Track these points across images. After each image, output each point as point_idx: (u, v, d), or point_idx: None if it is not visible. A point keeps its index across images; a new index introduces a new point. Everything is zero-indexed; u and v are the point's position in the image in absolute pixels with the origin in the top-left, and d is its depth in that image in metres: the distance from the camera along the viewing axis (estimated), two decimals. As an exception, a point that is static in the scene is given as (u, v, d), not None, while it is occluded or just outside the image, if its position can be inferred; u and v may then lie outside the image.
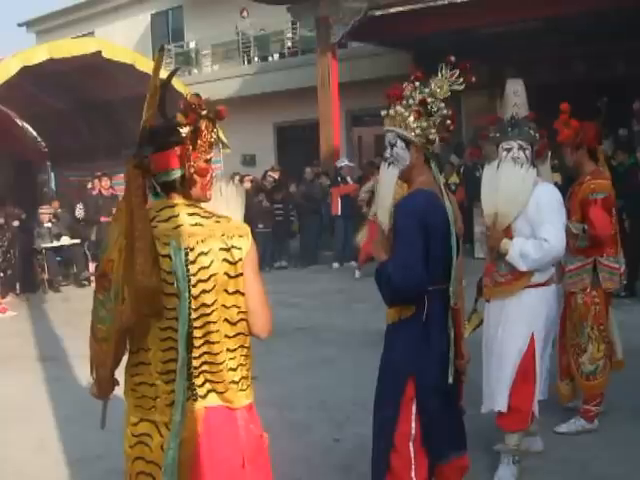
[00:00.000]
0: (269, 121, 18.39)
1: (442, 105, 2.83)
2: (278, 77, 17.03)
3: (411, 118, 2.81)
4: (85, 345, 2.18)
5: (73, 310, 9.48)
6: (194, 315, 2.04)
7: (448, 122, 2.86)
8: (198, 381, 2.07)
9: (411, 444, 2.85)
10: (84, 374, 5.97)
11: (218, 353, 2.07)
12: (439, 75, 2.86)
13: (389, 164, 2.94)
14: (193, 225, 2.08)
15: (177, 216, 2.08)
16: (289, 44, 18.07)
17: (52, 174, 14.53)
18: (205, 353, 2.07)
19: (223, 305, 2.08)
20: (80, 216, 11.92)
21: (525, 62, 13.07)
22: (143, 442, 2.10)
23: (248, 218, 2.39)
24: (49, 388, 6.03)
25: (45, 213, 11.58)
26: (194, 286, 2.04)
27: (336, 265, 11.97)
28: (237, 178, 12.24)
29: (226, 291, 2.08)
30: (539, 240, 3.58)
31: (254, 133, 17.82)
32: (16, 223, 11.01)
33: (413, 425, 2.85)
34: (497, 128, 3.84)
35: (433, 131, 2.84)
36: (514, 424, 3.76)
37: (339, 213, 11.91)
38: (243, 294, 2.11)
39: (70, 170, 14.93)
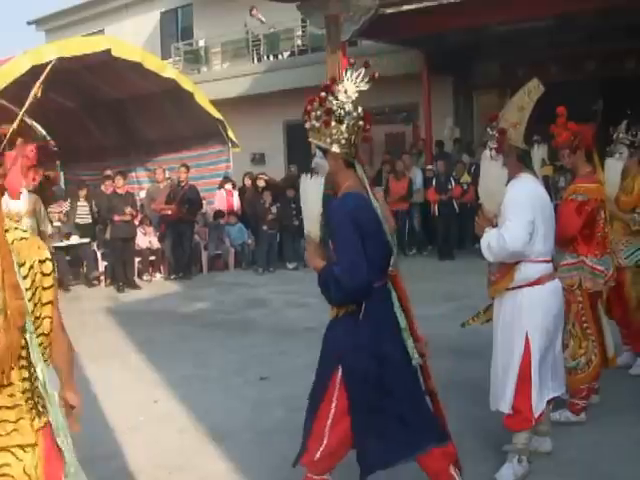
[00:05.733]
0: (279, 119, 18.32)
1: (350, 108, 2.99)
2: (288, 75, 16.95)
3: (322, 128, 2.98)
4: (95, 345, 2.15)
5: (83, 309, 9.49)
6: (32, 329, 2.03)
7: (361, 123, 3.02)
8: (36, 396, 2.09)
9: (327, 427, 2.99)
10: (93, 374, 5.98)
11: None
12: (345, 79, 3.04)
13: (313, 174, 3.07)
14: (19, 240, 2.03)
15: (8, 231, 2.03)
16: (299, 42, 18.03)
17: (61, 173, 14.53)
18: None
19: (46, 316, 2.08)
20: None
21: (536, 60, 12.98)
22: (6, 474, 2.00)
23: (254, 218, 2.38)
24: (56, 387, 5.99)
25: (54, 212, 11.57)
26: (29, 300, 2.01)
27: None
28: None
29: (40, 302, 2.07)
30: (500, 235, 3.66)
31: (264, 132, 17.79)
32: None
33: (332, 410, 2.99)
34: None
35: (346, 135, 2.99)
36: (517, 424, 3.82)
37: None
38: (52, 304, 2.11)
39: (80, 169, 14.96)
